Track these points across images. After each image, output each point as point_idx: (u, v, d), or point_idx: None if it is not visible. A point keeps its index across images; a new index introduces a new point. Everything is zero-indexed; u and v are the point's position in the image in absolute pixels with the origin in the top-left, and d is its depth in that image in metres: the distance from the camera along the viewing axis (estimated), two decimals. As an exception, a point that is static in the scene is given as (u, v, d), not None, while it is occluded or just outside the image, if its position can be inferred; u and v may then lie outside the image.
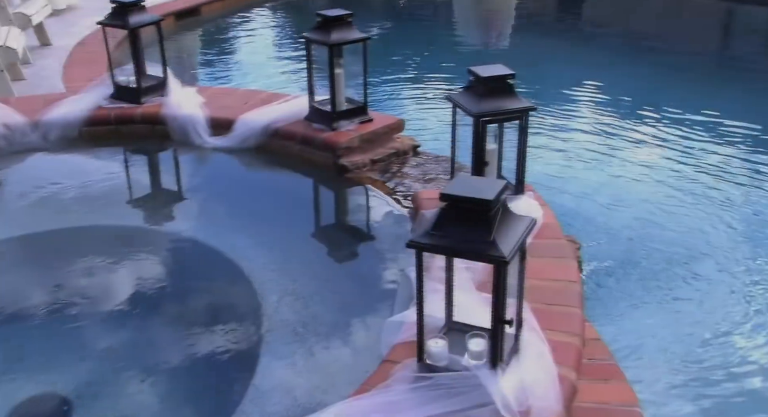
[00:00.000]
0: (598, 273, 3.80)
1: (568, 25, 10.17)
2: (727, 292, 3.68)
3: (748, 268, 3.86)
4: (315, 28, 3.53)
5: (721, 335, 3.38)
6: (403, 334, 2.06)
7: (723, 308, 3.55)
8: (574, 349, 2.05)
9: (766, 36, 9.39)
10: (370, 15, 10.20)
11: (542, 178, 4.85)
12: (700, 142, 5.52)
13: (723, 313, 3.53)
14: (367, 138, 3.54)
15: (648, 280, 3.80)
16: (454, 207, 1.74)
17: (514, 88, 2.64)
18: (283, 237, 3.21)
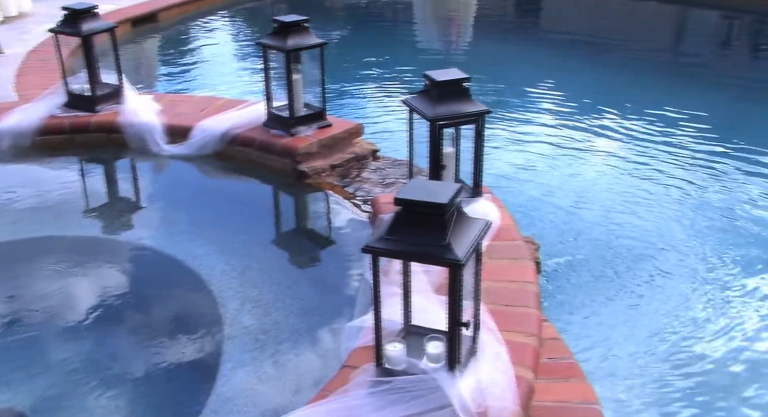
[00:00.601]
0: (558, 272, 3.85)
1: (527, 27, 10.30)
2: (687, 287, 3.74)
3: (708, 264, 3.93)
4: (271, 34, 3.52)
5: (682, 331, 3.43)
6: (362, 339, 2.06)
7: (684, 304, 3.61)
8: (531, 349, 2.08)
9: (716, 37, 9.62)
10: (331, 20, 10.20)
11: (502, 180, 4.91)
12: (657, 140, 5.63)
13: (684, 309, 3.59)
14: (325, 143, 3.54)
15: (608, 277, 3.85)
16: (408, 211, 1.75)
17: (469, 91, 2.66)
18: (243, 244, 3.19)
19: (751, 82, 7.51)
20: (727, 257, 4.00)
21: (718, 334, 3.41)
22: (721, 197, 4.69)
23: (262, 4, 10.31)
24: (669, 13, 10.29)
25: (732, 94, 6.89)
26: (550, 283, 3.74)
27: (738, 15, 9.74)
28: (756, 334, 3.39)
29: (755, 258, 3.98)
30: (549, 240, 4.18)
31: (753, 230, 4.27)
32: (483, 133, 2.68)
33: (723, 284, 3.76)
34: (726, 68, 8.16)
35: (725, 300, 3.64)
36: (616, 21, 10.19)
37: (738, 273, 3.84)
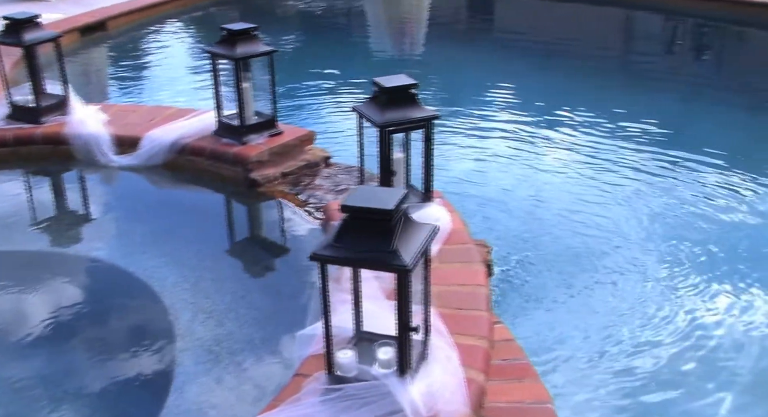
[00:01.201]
0: (511, 274, 3.90)
1: (481, 31, 10.42)
2: (642, 285, 3.82)
3: (661, 260, 4.02)
4: (220, 43, 3.50)
5: (636, 329, 3.50)
6: (314, 347, 2.06)
7: (638, 301, 3.68)
8: (482, 351, 2.10)
9: (661, 40, 9.88)
10: (283, 27, 10.17)
11: (456, 183, 4.95)
12: (608, 140, 5.75)
13: (639, 306, 3.66)
14: (277, 151, 3.53)
15: (563, 277, 3.91)
16: (355, 218, 1.76)
17: (417, 97, 2.68)
18: (195, 254, 3.16)
19: (694, 82, 7.73)
20: (680, 253, 4.09)
21: (672, 331, 3.49)
22: (672, 194, 4.81)
23: (213, 12, 10.22)
24: (616, 17, 10.52)
25: (678, 94, 7.08)
26: (504, 284, 3.78)
27: (681, 18, 10.01)
28: (709, 330, 3.47)
29: (708, 253, 4.08)
30: (503, 241, 4.23)
31: (703, 225, 4.39)
32: (432, 139, 2.70)
33: (677, 281, 3.84)
34: (671, 69, 8.37)
35: (679, 296, 3.72)
36: (566, 25, 10.38)
37: (691, 269, 3.93)
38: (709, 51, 9.42)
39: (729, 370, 3.21)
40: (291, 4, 11.40)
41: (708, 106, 6.71)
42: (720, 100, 6.89)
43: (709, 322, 3.53)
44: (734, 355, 3.30)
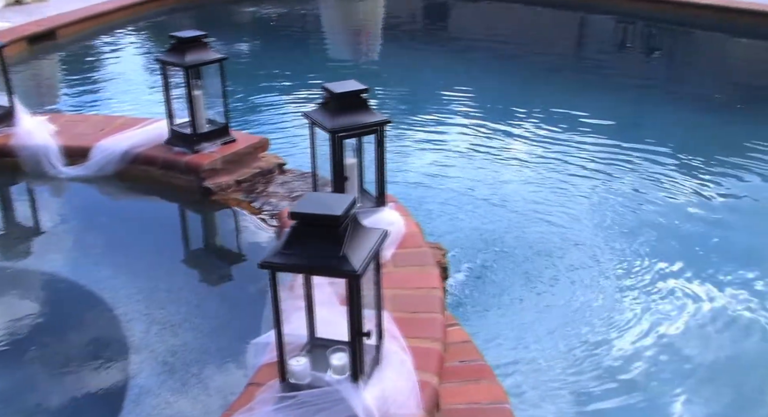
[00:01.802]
0: (468, 275, 3.93)
1: (436, 36, 10.50)
2: (598, 282, 3.88)
3: (617, 258, 4.09)
4: (170, 50, 3.47)
5: (595, 326, 3.55)
6: (268, 355, 2.05)
7: (595, 299, 3.74)
8: (436, 354, 2.11)
9: (612, 41, 10.08)
10: (238, 33, 10.11)
11: (415, 185, 4.99)
12: (563, 141, 5.85)
13: (596, 303, 3.72)
14: (230, 159, 3.51)
15: (519, 277, 3.96)
16: (304, 225, 1.76)
17: (367, 102, 2.69)
18: (149, 265, 3.12)
19: (645, 81, 7.90)
20: (637, 249, 4.17)
21: (630, 326, 3.55)
22: (627, 190, 4.91)
23: (167, 20, 10.11)
24: (569, 20, 10.70)
25: (630, 94, 7.23)
26: (461, 286, 3.82)
27: (630, 20, 10.23)
28: (666, 324, 3.54)
29: (663, 249, 4.17)
30: (460, 243, 4.27)
31: (658, 221, 4.49)
32: (384, 143, 2.71)
33: (634, 276, 3.91)
34: (623, 70, 8.55)
35: (636, 292, 3.79)
36: (521, 28, 10.53)
37: (646, 266, 4.01)
38: (658, 51, 9.64)
39: (686, 363, 3.28)
40: (247, 11, 11.34)
41: (658, 104, 6.87)
42: (670, 98, 7.06)
43: (665, 316, 3.60)
44: (691, 349, 3.37)
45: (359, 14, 11.85)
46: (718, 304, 3.67)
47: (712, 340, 3.43)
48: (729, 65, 8.62)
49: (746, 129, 6.10)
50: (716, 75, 8.08)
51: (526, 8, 10.92)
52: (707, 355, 3.35)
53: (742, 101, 7.02)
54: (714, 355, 3.33)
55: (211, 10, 11.03)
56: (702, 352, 3.36)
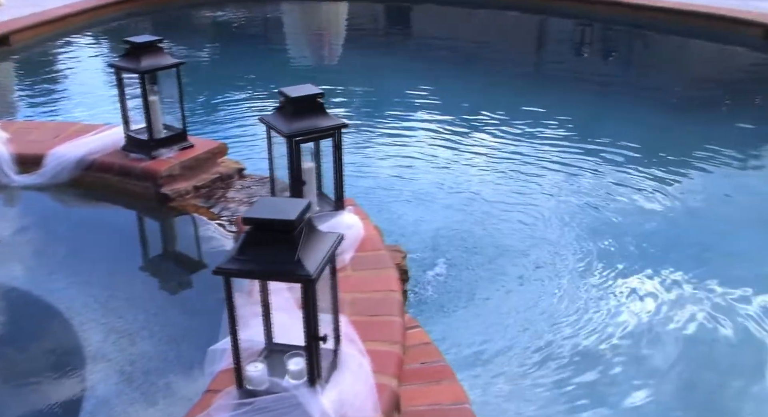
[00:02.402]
0: (429, 276, 3.95)
1: (399, 38, 10.54)
2: (559, 281, 3.92)
3: (578, 257, 4.14)
4: (125, 56, 3.43)
5: (557, 325, 3.58)
6: (225, 362, 2.03)
7: (558, 298, 3.78)
8: (395, 356, 2.12)
9: (572, 43, 10.23)
10: (199, 37, 10.03)
11: (375, 188, 5.00)
12: (525, 141, 5.91)
13: (558, 303, 3.75)
14: (188, 164, 3.48)
15: (481, 277, 3.98)
16: (258, 230, 1.75)
17: (323, 106, 2.69)
18: (106, 274, 3.07)
19: (604, 83, 8.03)
20: (597, 249, 4.22)
21: (590, 326, 3.59)
22: (588, 191, 4.97)
23: (124, 24, 9.98)
24: (531, 22, 10.83)
25: (589, 95, 7.34)
26: (422, 287, 3.83)
27: (588, 23, 10.39)
28: (627, 323, 3.59)
29: (622, 248, 4.22)
30: (424, 243, 4.29)
31: (618, 220, 4.55)
32: (341, 147, 2.72)
33: (594, 276, 3.95)
34: (582, 71, 8.68)
35: (598, 291, 3.82)
36: (483, 30, 10.62)
37: (607, 264, 4.05)
38: (615, 53, 9.81)
39: (646, 362, 3.33)
40: (207, 15, 11.25)
41: (617, 104, 6.99)
42: (627, 99, 7.19)
43: (627, 314, 3.66)
44: (651, 348, 3.42)
45: (321, 18, 11.84)
46: (678, 302, 3.73)
47: (670, 338, 3.49)
48: (683, 67, 8.81)
49: (701, 129, 6.24)
50: (672, 76, 8.25)
51: (488, 12, 11.02)
52: (666, 353, 3.40)
53: (697, 102, 7.18)
54: (673, 353, 3.39)
55: (170, 15, 10.91)
56: (661, 351, 3.41)
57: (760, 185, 5.18)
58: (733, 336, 3.48)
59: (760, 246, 4.31)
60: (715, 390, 3.18)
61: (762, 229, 4.53)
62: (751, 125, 6.36)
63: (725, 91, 7.52)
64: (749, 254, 4.21)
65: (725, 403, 3.12)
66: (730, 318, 3.59)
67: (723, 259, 4.14)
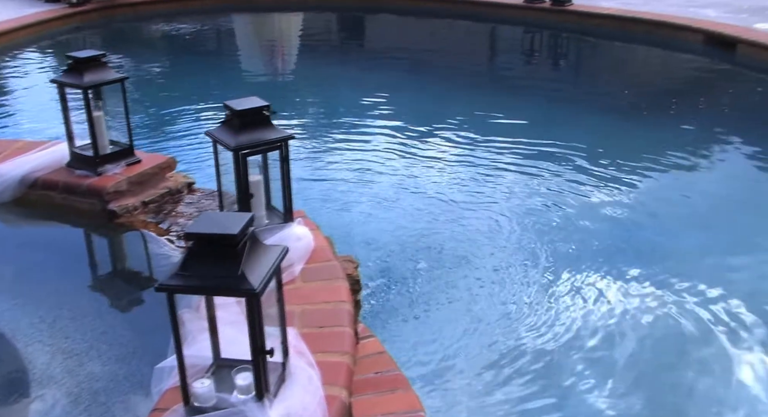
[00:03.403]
0: (383, 286, 3.96)
1: (353, 48, 10.58)
2: (517, 287, 3.96)
3: (535, 260, 4.19)
4: (67, 71, 3.38)
5: (514, 330, 3.62)
6: (172, 380, 2.01)
7: (515, 303, 3.82)
8: (345, 367, 2.12)
9: (522, 51, 10.40)
10: (149, 50, 9.92)
11: (333, 197, 5.00)
12: (479, 147, 6.00)
13: (514, 307, 3.79)
14: (135, 180, 3.43)
15: (440, 283, 4.01)
16: (200, 245, 1.74)
17: (270, 119, 2.69)
18: (52, 293, 3.01)
19: (554, 88, 8.18)
20: (552, 252, 4.29)
21: (546, 329, 3.63)
22: (542, 194, 5.06)
23: (71, 38, 9.82)
24: (481, 30, 10.98)
25: (541, 101, 7.47)
26: (377, 297, 3.84)
27: (538, 30, 10.58)
28: (582, 325, 3.64)
29: (577, 250, 4.30)
30: (380, 251, 4.31)
31: (572, 223, 4.64)
32: (288, 159, 2.71)
33: (548, 280, 4.01)
34: (533, 78, 8.84)
35: (552, 294, 3.88)
36: (436, 39, 10.72)
37: (562, 266, 4.12)
38: (565, 60, 10.01)
39: (602, 362, 3.39)
40: (158, 28, 11.15)
41: (567, 109, 7.13)
42: (577, 104, 7.34)
43: (581, 317, 3.71)
44: (607, 348, 3.48)
45: (274, 28, 11.82)
46: (631, 301, 3.81)
47: (628, 338, 3.55)
48: (630, 72, 9.02)
49: (648, 132, 6.40)
50: (619, 81, 8.45)
51: (440, 21, 11.15)
52: (625, 352, 3.46)
53: (643, 106, 7.36)
54: (632, 352, 3.45)
55: (119, 28, 10.78)
56: (620, 350, 3.47)
57: (706, 185, 5.34)
58: (687, 333, 3.57)
59: (707, 244, 4.44)
60: (670, 386, 3.25)
61: (709, 227, 4.67)
62: (696, 127, 6.55)
63: (670, 95, 7.74)
64: (698, 252, 4.33)
65: (679, 398, 3.19)
66: (683, 316, 3.68)
67: (673, 258, 4.25)
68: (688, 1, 10.32)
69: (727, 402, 3.13)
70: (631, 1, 10.31)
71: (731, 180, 5.43)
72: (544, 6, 10.29)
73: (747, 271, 4.09)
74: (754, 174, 5.60)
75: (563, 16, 10.13)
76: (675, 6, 9.95)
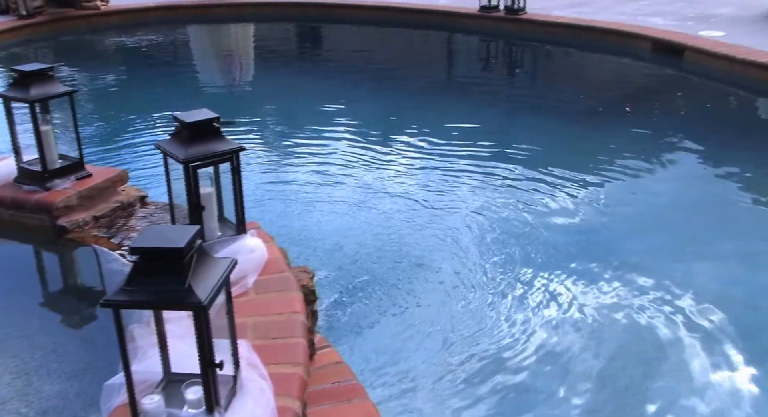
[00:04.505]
0: (345, 294, 3.97)
1: (311, 59, 10.58)
2: (475, 292, 4.00)
3: (492, 266, 4.24)
4: (13, 85, 3.31)
5: (467, 338, 3.65)
6: (122, 396, 1.98)
7: (474, 311, 3.85)
8: (298, 378, 2.12)
9: (479, 58, 10.54)
10: (103, 63, 9.79)
11: (291, 207, 4.99)
12: (436, 155, 6.05)
13: (472, 313, 3.83)
14: (86, 194, 3.38)
15: (394, 293, 4.02)
16: (146, 259, 1.73)
17: (220, 130, 2.68)
18: (1, 312, 2.95)
19: (511, 95, 8.30)
20: (509, 257, 4.34)
21: (503, 334, 3.67)
22: (499, 200, 5.13)
23: (21, 51, 9.64)
24: (439, 39, 11.08)
25: (497, 107, 7.58)
26: (334, 306, 3.84)
27: (493, 39, 10.73)
28: (539, 329, 3.69)
29: (531, 255, 4.36)
30: (338, 261, 4.31)
31: (525, 228, 4.70)
32: (240, 171, 2.70)
33: (507, 285, 4.06)
34: (489, 85, 8.95)
35: (509, 299, 3.93)
36: (393, 48, 10.79)
37: (518, 272, 4.18)
38: (521, 67, 10.16)
39: (562, 366, 3.43)
40: (111, 40, 11.01)
41: (523, 116, 7.25)
42: (533, 111, 7.46)
43: (537, 321, 3.76)
44: (567, 352, 3.53)
45: (230, 39, 11.77)
46: (588, 303, 3.88)
47: (591, 341, 3.60)
48: (583, 78, 9.20)
49: (601, 137, 6.53)
50: (573, 88, 8.60)
51: (398, 30, 11.23)
52: (580, 354, 3.52)
53: (596, 111, 7.51)
54: (593, 355, 3.51)
55: (71, 41, 10.62)
56: (576, 353, 3.52)
57: (657, 188, 5.46)
58: (641, 333, 3.64)
59: (658, 246, 4.55)
60: (634, 389, 3.31)
61: (660, 229, 4.78)
62: (647, 132, 6.71)
63: (622, 101, 7.91)
64: (650, 254, 4.43)
65: (635, 398, 3.25)
66: (638, 317, 3.76)
67: (626, 260, 4.33)
68: (637, 10, 10.58)
69: (685, 401, 3.20)
70: (584, 10, 10.52)
71: (681, 182, 5.57)
72: (499, 15, 10.44)
73: (699, 272, 4.19)
74: (703, 176, 5.76)
75: (517, 25, 10.28)
76: (625, 14, 10.19)
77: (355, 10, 11.53)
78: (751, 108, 7.54)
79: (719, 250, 4.47)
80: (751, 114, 7.39)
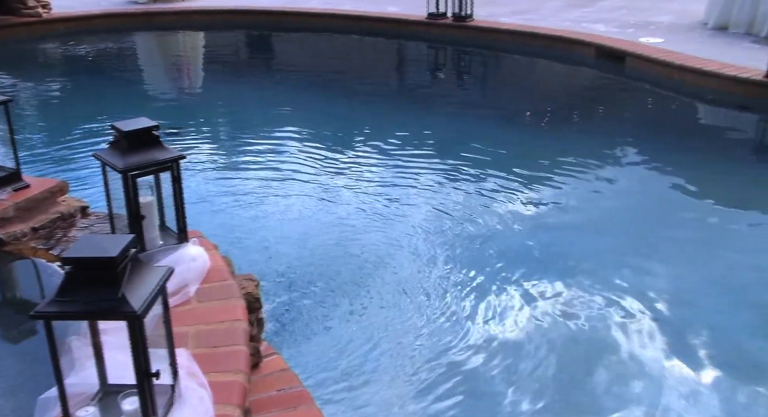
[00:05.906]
0: (289, 303, 3.95)
1: (261, 67, 10.53)
2: (426, 298, 4.01)
3: (439, 273, 4.26)
4: (-55, 96, 3.24)
5: (416, 344, 3.66)
6: (56, 411, 1.95)
7: (423, 315, 3.86)
8: (239, 386, 2.11)
9: (426, 65, 10.63)
10: (48, 72, 9.59)
11: (235, 217, 4.95)
12: (391, 160, 6.08)
13: (426, 317, 3.84)
14: (24, 205, 3.31)
15: (342, 299, 4.02)
16: (78, 269, 1.71)
17: (159, 139, 2.66)
18: (-66, 328, 2.87)
19: (459, 102, 8.39)
20: (465, 260, 4.37)
21: (453, 341, 3.69)
22: (452, 205, 5.17)
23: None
24: (388, 47, 11.14)
25: (446, 114, 7.65)
26: (282, 313, 3.83)
27: (441, 46, 10.84)
28: (498, 335, 3.72)
29: (482, 261, 4.40)
30: (287, 268, 4.29)
31: (477, 234, 4.75)
32: (180, 179, 2.69)
33: (457, 291, 4.08)
34: (438, 92, 9.04)
35: (459, 306, 3.95)
36: (344, 56, 10.82)
37: (470, 278, 4.21)
38: (468, 74, 10.28)
39: (514, 368, 3.47)
40: (55, 47, 10.79)
41: (473, 122, 7.33)
42: (481, 116, 7.55)
43: (490, 326, 3.80)
44: (518, 353, 3.57)
45: (179, 47, 11.64)
46: (540, 307, 3.93)
47: (542, 345, 3.65)
48: (529, 84, 9.37)
49: (548, 142, 6.66)
50: (519, 94, 8.75)
51: (347, 37, 11.25)
52: (538, 355, 3.56)
53: (543, 117, 7.65)
54: (544, 358, 3.55)
55: (12, 49, 10.37)
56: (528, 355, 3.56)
57: (604, 192, 5.58)
58: (597, 338, 3.70)
59: (606, 248, 4.64)
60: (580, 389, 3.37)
61: (607, 232, 4.88)
62: (593, 136, 6.86)
63: (567, 106, 8.08)
64: (598, 257, 4.52)
65: (582, 397, 3.31)
66: (587, 319, 3.83)
67: (576, 263, 4.41)
68: (581, 17, 10.82)
69: (631, 400, 3.27)
70: (530, 17, 10.71)
71: (626, 184, 5.71)
72: (447, 22, 10.56)
73: (647, 274, 4.29)
74: (646, 177, 5.90)
75: (465, 32, 10.41)
76: (569, 21, 10.41)
77: (306, 18, 11.52)
78: (690, 112, 7.77)
79: (662, 249, 4.59)
80: (690, 117, 7.62)
